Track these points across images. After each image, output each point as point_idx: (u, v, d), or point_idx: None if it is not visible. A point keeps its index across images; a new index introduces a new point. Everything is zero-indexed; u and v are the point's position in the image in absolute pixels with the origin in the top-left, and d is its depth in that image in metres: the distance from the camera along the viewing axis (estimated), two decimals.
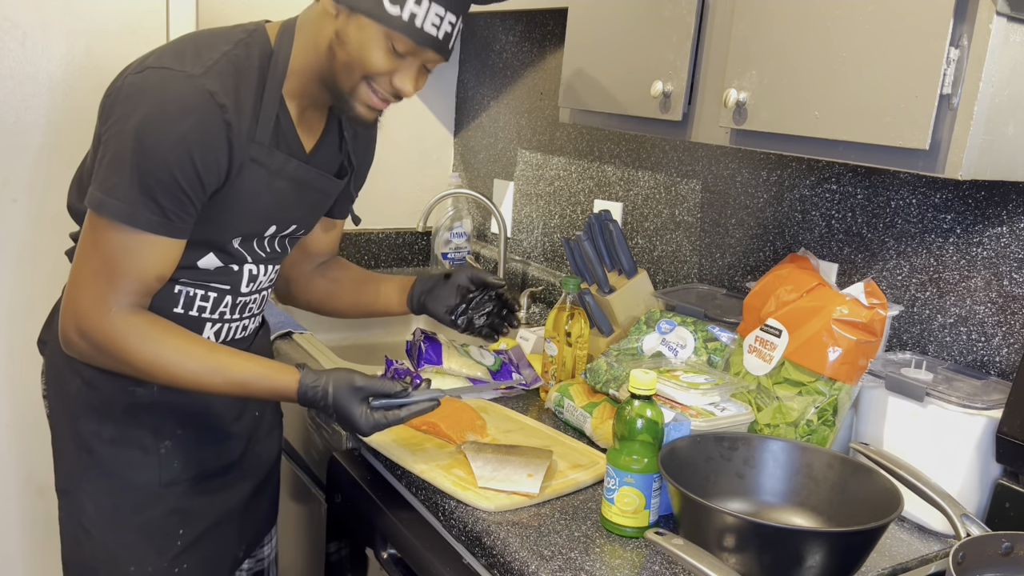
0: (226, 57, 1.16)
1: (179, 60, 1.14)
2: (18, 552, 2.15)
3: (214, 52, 1.16)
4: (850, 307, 1.27)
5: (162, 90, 1.12)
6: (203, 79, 1.12)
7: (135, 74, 1.15)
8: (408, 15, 1.14)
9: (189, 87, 1.12)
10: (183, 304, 1.26)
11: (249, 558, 1.55)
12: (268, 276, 1.36)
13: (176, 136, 1.11)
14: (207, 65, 1.14)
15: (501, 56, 2.38)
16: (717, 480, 1.17)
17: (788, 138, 1.15)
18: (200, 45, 1.18)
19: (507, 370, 1.61)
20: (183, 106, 1.11)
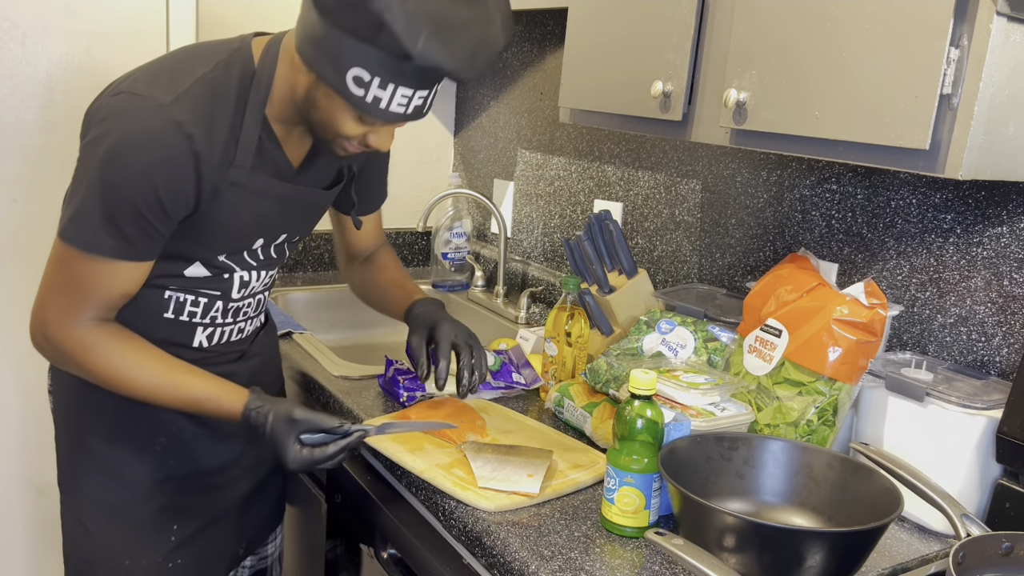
0: (201, 81, 1.13)
1: (151, 85, 1.12)
2: (20, 551, 2.15)
3: (189, 76, 1.13)
4: (850, 307, 1.27)
5: (129, 119, 1.10)
6: (172, 108, 1.10)
7: (111, 96, 1.14)
8: (372, 99, 1.07)
9: (156, 117, 1.09)
10: (173, 310, 1.26)
11: (252, 555, 1.55)
12: (263, 281, 1.36)
13: (140, 167, 1.09)
14: (179, 92, 1.11)
15: (501, 56, 2.39)
16: (717, 480, 1.17)
17: (788, 138, 1.15)
18: (176, 69, 1.15)
19: (507, 370, 1.61)
20: (148, 137, 1.09)
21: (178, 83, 1.12)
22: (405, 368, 1.57)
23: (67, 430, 1.34)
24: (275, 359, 1.55)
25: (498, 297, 2.25)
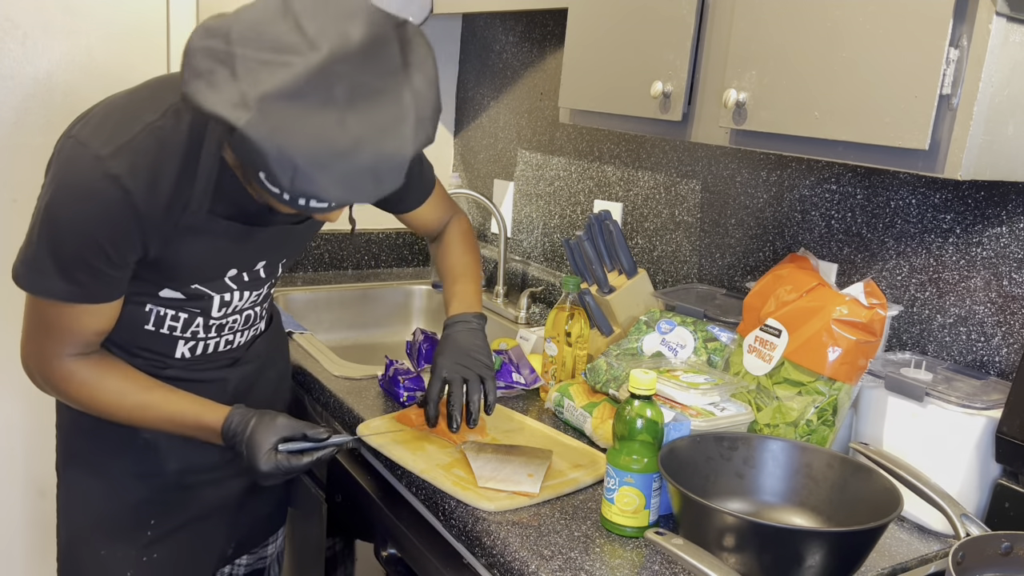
0: (147, 130, 1.09)
1: (96, 132, 1.09)
2: (19, 552, 2.15)
3: (135, 125, 1.09)
4: (850, 307, 1.28)
5: (70, 170, 1.09)
6: (111, 161, 1.06)
7: (65, 137, 1.12)
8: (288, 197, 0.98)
9: (93, 170, 1.06)
10: (153, 323, 1.25)
11: (248, 554, 1.55)
12: (248, 300, 1.33)
13: (80, 221, 1.08)
14: (120, 143, 1.07)
15: (501, 56, 2.39)
16: (717, 480, 1.17)
17: (788, 138, 1.15)
18: (125, 114, 1.11)
19: (507, 370, 1.61)
20: (84, 191, 1.07)
21: (122, 132, 1.08)
22: (405, 368, 1.57)
23: (60, 421, 1.37)
24: (277, 363, 1.52)
25: (498, 297, 2.25)
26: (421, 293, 2.40)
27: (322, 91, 0.92)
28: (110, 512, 1.33)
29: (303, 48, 0.92)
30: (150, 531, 1.35)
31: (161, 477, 1.35)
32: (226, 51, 0.92)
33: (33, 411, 2.06)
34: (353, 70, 0.93)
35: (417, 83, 0.98)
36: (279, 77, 0.91)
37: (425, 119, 0.99)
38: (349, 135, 0.93)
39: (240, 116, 0.90)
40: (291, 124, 0.91)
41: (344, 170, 0.94)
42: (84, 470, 1.33)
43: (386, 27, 0.97)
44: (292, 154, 0.91)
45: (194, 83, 0.93)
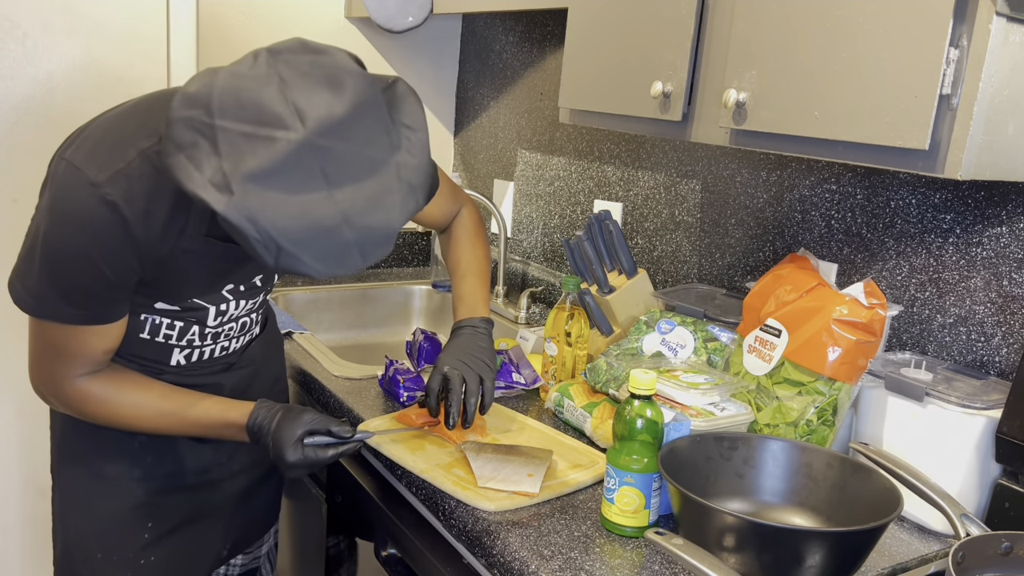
0: (142, 157, 1.06)
1: (92, 158, 1.07)
2: (18, 552, 2.15)
3: (130, 151, 1.07)
4: (850, 307, 1.28)
5: (65, 197, 1.07)
6: (106, 187, 1.04)
7: (60, 158, 1.10)
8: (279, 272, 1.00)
9: (89, 197, 1.05)
10: (149, 331, 1.25)
11: (243, 554, 1.55)
12: (244, 308, 1.33)
13: (77, 248, 1.07)
14: (115, 169, 1.05)
15: (501, 56, 2.39)
16: (717, 480, 1.17)
17: (788, 138, 1.15)
18: (119, 140, 1.08)
19: (507, 370, 1.61)
20: (80, 219, 1.06)
21: (117, 158, 1.06)
22: (405, 368, 1.57)
23: (54, 422, 1.36)
24: (272, 365, 1.52)
25: (498, 297, 2.25)
26: (421, 293, 2.40)
27: (306, 168, 0.89)
28: (107, 515, 1.33)
29: (287, 120, 0.88)
30: (147, 534, 1.35)
31: (158, 480, 1.34)
32: (207, 123, 0.89)
33: (30, 409, 2.06)
34: (339, 142, 0.90)
35: (406, 150, 0.95)
36: (261, 155, 0.88)
37: (415, 186, 0.96)
38: (335, 211, 0.90)
39: (221, 200, 0.88)
40: (274, 205, 0.89)
41: (330, 247, 0.92)
42: (80, 473, 1.33)
43: (374, 91, 0.93)
44: (275, 236, 0.90)
45: (175, 156, 0.91)
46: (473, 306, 1.43)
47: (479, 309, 1.43)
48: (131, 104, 1.15)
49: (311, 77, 0.91)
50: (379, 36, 2.43)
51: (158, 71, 2.03)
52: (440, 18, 2.50)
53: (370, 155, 0.92)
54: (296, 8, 2.31)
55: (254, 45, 2.45)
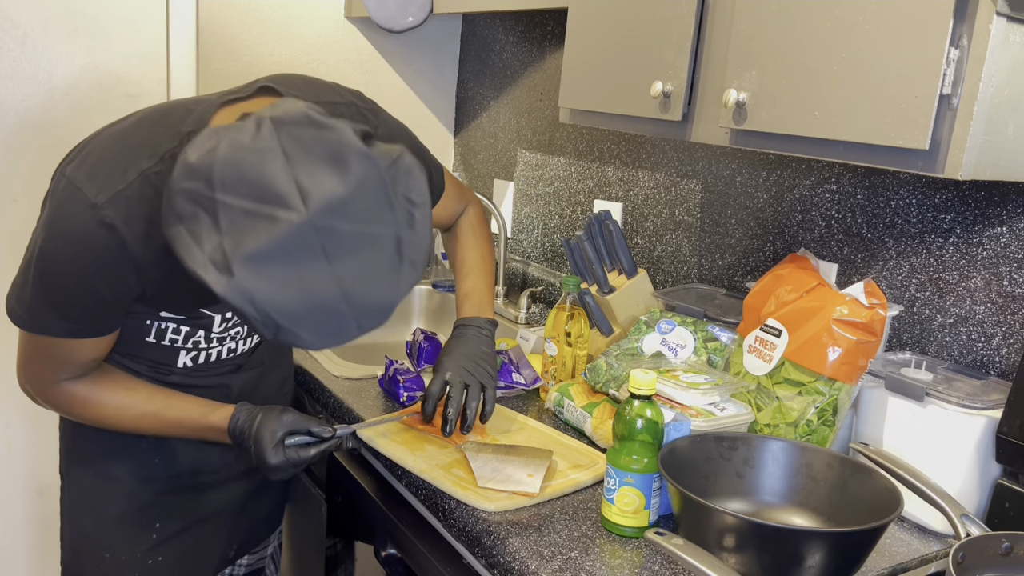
0: (143, 178, 1.06)
1: (92, 178, 1.06)
2: (20, 552, 2.15)
3: (131, 171, 1.06)
4: (850, 307, 1.27)
5: (64, 216, 1.06)
6: (105, 209, 1.04)
7: (60, 175, 1.09)
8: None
9: (88, 219, 1.04)
10: (155, 335, 1.25)
11: (249, 555, 1.55)
12: None
13: (75, 267, 1.07)
14: (115, 190, 1.05)
15: (501, 56, 2.39)
16: (717, 480, 1.17)
17: (788, 138, 1.15)
18: (120, 160, 1.07)
19: (507, 370, 1.61)
20: (79, 239, 1.05)
21: (117, 179, 1.06)
22: (405, 368, 1.57)
23: (64, 423, 1.37)
24: (280, 366, 1.51)
25: (498, 297, 2.25)
26: (421, 293, 2.40)
27: (307, 247, 0.87)
28: (115, 515, 1.33)
29: (289, 200, 0.87)
30: (155, 534, 1.35)
31: (166, 480, 1.35)
32: (208, 196, 0.88)
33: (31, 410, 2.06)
34: (341, 222, 0.88)
35: (409, 226, 0.93)
36: (263, 234, 0.86)
37: (417, 262, 0.95)
38: (335, 288, 0.89)
39: (221, 281, 0.88)
40: (273, 285, 0.88)
41: (328, 322, 0.91)
42: (89, 474, 1.33)
43: (378, 169, 0.91)
44: (274, 316, 0.89)
45: (176, 228, 0.90)
46: (479, 305, 1.42)
47: (484, 309, 1.42)
48: (133, 120, 1.15)
49: (315, 154, 0.89)
50: (379, 36, 2.43)
51: (158, 71, 2.03)
52: (440, 18, 2.50)
53: (372, 231, 0.90)
54: (296, 8, 2.31)
55: (254, 45, 2.46)
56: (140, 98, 2.02)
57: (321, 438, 1.22)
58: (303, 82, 1.26)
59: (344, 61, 2.41)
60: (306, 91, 1.23)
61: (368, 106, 1.30)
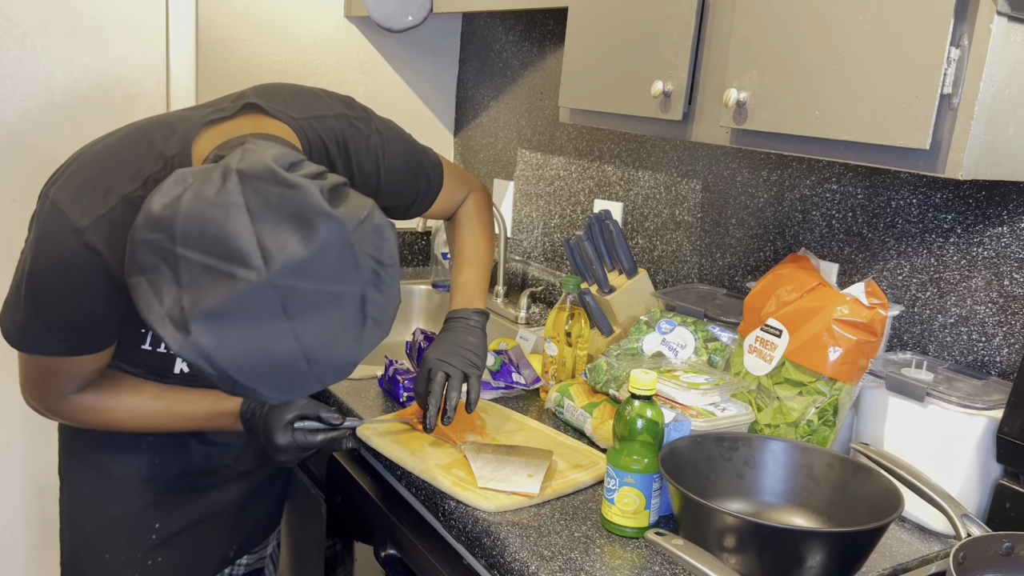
0: (125, 201, 1.06)
1: (75, 201, 1.06)
2: (19, 551, 2.15)
3: (113, 195, 1.06)
4: (851, 307, 1.27)
5: (49, 240, 1.07)
6: (88, 234, 1.04)
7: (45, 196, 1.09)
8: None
9: (72, 243, 1.05)
10: (150, 343, 1.25)
11: (249, 555, 1.55)
12: None
13: (63, 290, 1.07)
14: (98, 214, 1.05)
15: (501, 56, 2.38)
16: (717, 480, 1.17)
17: (788, 138, 1.15)
18: (102, 183, 1.07)
19: (507, 370, 1.61)
20: (64, 263, 1.06)
21: (99, 203, 1.06)
22: (405, 368, 1.57)
23: (62, 424, 1.37)
24: None
25: (498, 297, 2.25)
26: (421, 293, 2.40)
27: (266, 305, 0.86)
28: (115, 516, 1.33)
29: (250, 259, 0.85)
30: (154, 534, 1.35)
31: (165, 481, 1.35)
32: (170, 249, 0.87)
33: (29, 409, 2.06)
34: (303, 281, 0.87)
35: (374, 285, 0.92)
36: (221, 292, 0.85)
37: (382, 322, 0.94)
38: (294, 347, 0.88)
39: (177, 338, 0.87)
40: (231, 344, 0.87)
41: (287, 379, 0.91)
42: (88, 474, 1.33)
43: (344, 231, 0.89)
44: (231, 373, 0.88)
45: (137, 278, 0.90)
46: (468, 296, 1.42)
47: (474, 300, 1.41)
48: (115, 139, 1.14)
49: (280, 212, 0.87)
50: (379, 35, 2.43)
51: (158, 71, 2.03)
52: (440, 17, 2.50)
53: (335, 290, 0.89)
54: (296, 8, 2.31)
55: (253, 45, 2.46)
56: (139, 98, 2.02)
57: (330, 425, 1.23)
58: (290, 95, 1.24)
59: (344, 61, 2.41)
60: (294, 105, 1.22)
61: (359, 115, 1.29)
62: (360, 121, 1.28)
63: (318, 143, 1.22)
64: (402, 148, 1.34)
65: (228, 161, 0.91)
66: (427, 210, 1.46)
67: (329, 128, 1.23)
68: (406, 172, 1.36)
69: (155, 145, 1.11)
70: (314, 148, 1.22)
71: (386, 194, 1.35)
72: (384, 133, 1.32)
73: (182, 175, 0.92)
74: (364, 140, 1.28)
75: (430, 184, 1.41)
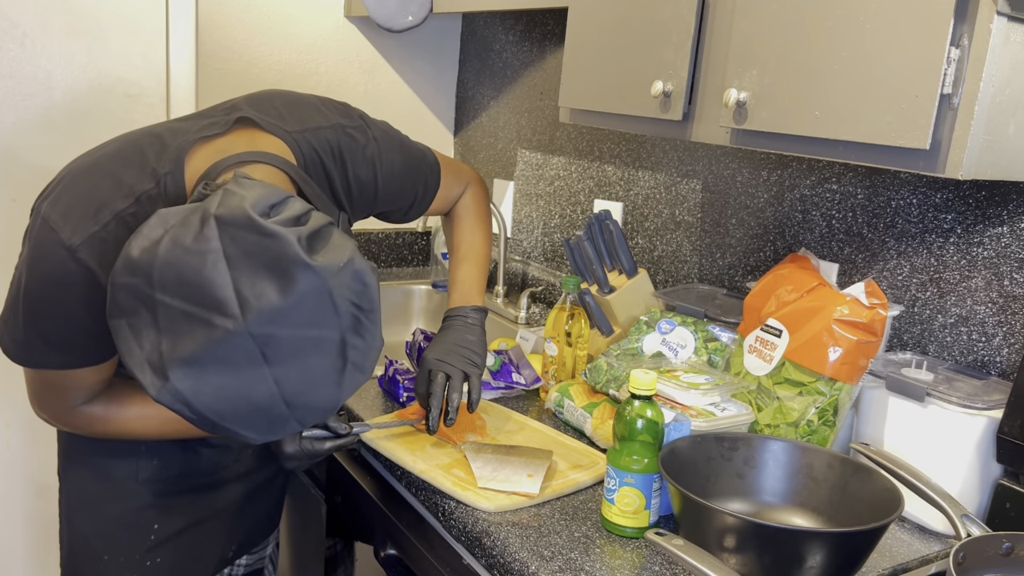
0: (118, 219, 1.06)
1: (66, 219, 1.06)
2: (19, 552, 2.15)
3: (104, 213, 1.06)
4: (851, 307, 1.27)
5: (42, 258, 1.07)
6: (80, 252, 1.05)
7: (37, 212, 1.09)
8: None
9: (65, 261, 1.05)
10: None
11: (248, 555, 1.55)
12: None
13: (60, 307, 1.08)
14: (90, 232, 1.05)
15: (501, 56, 2.38)
16: (717, 480, 1.17)
17: (788, 138, 1.15)
18: (93, 201, 1.07)
19: (507, 370, 1.61)
20: (60, 281, 1.06)
21: (91, 221, 1.06)
22: (405, 368, 1.57)
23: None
24: None
25: (498, 297, 2.25)
26: (421, 293, 2.40)
27: (244, 351, 0.87)
28: (114, 517, 1.33)
29: (227, 307, 0.86)
30: (153, 535, 1.35)
31: (164, 482, 1.35)
32: (148, 295, 0.88)
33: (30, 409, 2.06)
34: (281, 328, 0.87)
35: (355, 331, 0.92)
36: (199, 339, 0.86)
37: (363, 366, 0.94)
38: (273, 391, 0.89)
39: (156, 384, 0.88)
40: (209, 389, 0.87)
41: (267, 422, 0.91)
42: (87, 475, 1.33)
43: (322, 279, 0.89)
44: (210, 416, 0.89)
45: (118, 320, 0.91)
46: (466, 294, 1.42)
47: (472, 297, 1.41)
48: (107, 151, 1.14)
49: (257, 260, 0.87)
50: (379, 35, 2.43)
51: (158, 71, 2.03)
52: (440, 17, 2.50)
53: (314, 335, 0.89)
54: (296, 7, 2.31)
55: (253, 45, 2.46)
56: (139, 98, 2.02)
57: (337, 434, 1.23)
58: (284, 105, 1.24)
59: (344, 61, 2.41)
60: (287, 117, 1.21)
61: (355, 124, 1.29)
62: (356, 130, 1.27)
63: (313, 156, 1.22)
64: (399, 155, 1.34)
65: (208, 205, 0.90)
66: (425, 211, 1.46)
67: (324, 140, 1.23)
68: (403, 178, 1.36)
69: (147, 161, 1.11)
70: (309, 161, 1.21)
71: (384, 201, 1.35)
72: (381, 141, 1.31)
73: (163, 217, 0.92)
74: (361, 150, 1.28)
75: (427, 187, 1.41)
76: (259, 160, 1.12)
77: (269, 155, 1.13)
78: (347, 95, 2.43)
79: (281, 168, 1.14)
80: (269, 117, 1.19)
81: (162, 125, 1.20)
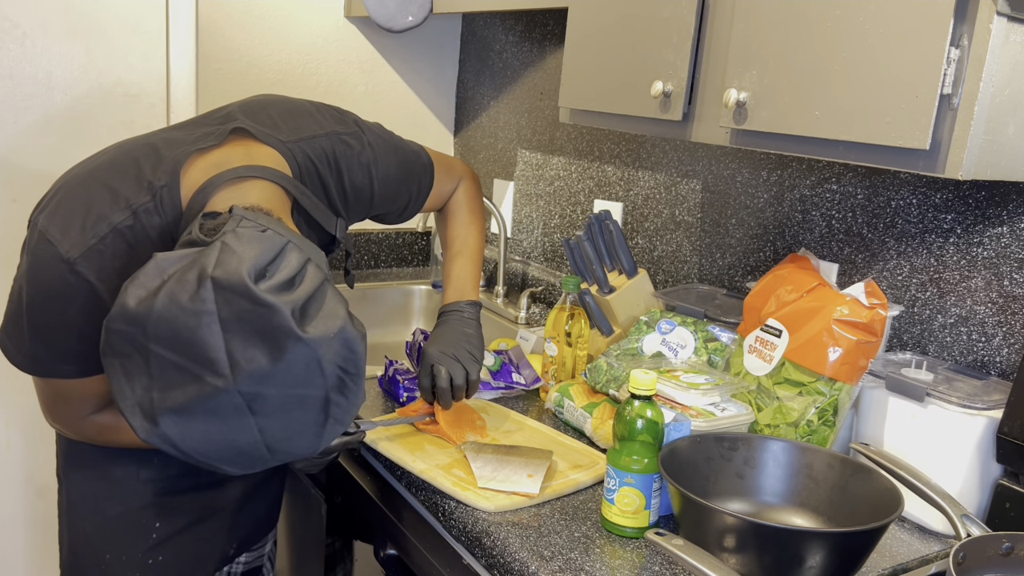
0: (115, 232, 1.07)
1: (65, 232, 1.07)
2: (19, 552, 2.15)
3: (102, 225, 1.07)
4: (850, 307, 1.27)
5: (41, 271, 1.08)
6: (79, 265, 1.06)
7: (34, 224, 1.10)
8: None
9: (64, 274, 1.06)
10: None
11: (247, 552, 1.55)
12: None
13: (62, 319, 1.09)
14: (88, 246, 1.06)
15: (501, 56, 2.38)
16: (717, 480, 1.17)
17: (788, 138, 1.15)
18: (91, 209, 1.08)
19: (507, 370, 1.61)
20: (58, 292, 1.07)
21: (89, 233, 1.07)
22: (405, 368, 1.57)
23: None
24: None
25: (498, 297, 2.25)
26: (421, 293, 2.40)
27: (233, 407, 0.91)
28: (115, 516, 1.33)
29: (219, 367, 0.89)
30: (155, 534, 1.35)
31: (165, 481, 1.35)
32: (142, 344, 0.90)
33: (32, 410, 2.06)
34: (269, 388, 0.91)
35: (340, 391, 0.95)
36: (189, 392, 0.90)
37: (344, 420, 0.97)
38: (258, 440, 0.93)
39: (145, 427, 0.92)
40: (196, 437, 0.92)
41: (249, 461, 0.96)
42: (88, 475, 1.33)
43: (311, 349, 0.91)
44: (196, 456, 0.94)
45: (111, 359, 0.93)
46: (460, 289, 1.43)
47: (467, 292, 1.43)
48: (101, 161, 1.14)
49: (251, 327, 0.90)
50: (379, 35, 2.43)
51: (158, 71, 2.03)
52: (440, 17, 2.50)
53: (300, 393, 0.93)
54: (296, 8, 2.31)
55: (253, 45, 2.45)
56: (140, 98, 2.02)
57: (345, 432, 1.23)
58: (279, 114, 1.24)
59: (344, 61, 2.41)
60: (282, 126, 1.22)
61: (350, 131, 1.29)
62: (351, 137, 1.28)
63: (308, 165, 1.23)
64: (394, 158, 1.36)
65: (205, 263, 0.91)
66: (419, 210, 1.47)
67: (319, 148, 1.24)
68: (399, 181, 1.37)
69: (142, 173, 1.11)
70: (304, 171, 1.22)
71: (380, 204, 1.37)
72: (376, 146, 1.32)
73: (160, 266, 0.93)
74: (356, 156, 1.29)
75: (421, 187, 1.43)
76: (255, 175, 1.12)
77: (265, 169, 1.14)
78: (347, 95, 2.43)
79: (277, 183, 1.15)
80: (264, 127, 1.20)
81: (156, 134, 1.20)
